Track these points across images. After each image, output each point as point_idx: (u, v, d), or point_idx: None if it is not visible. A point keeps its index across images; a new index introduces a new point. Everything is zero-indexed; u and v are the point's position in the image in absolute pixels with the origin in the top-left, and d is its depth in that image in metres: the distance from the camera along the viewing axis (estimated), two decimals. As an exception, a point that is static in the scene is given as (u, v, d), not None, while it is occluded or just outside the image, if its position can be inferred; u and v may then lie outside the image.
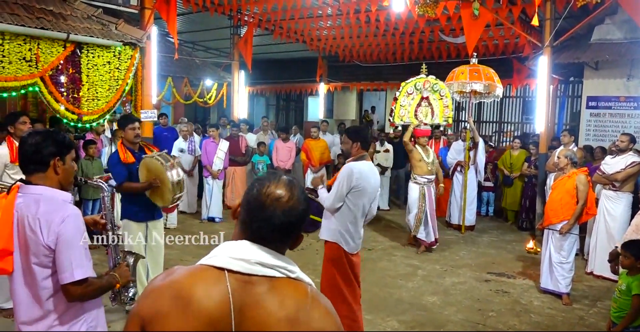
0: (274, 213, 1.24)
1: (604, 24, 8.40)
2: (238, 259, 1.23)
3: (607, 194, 6.12)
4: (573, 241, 5.22)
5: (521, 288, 5.62)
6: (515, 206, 8.75)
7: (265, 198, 1.26)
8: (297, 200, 1.28)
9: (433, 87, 7.45)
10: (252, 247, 1.25)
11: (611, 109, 8.68)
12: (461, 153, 8.21)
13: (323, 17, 9.95)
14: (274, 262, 1.24)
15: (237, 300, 1.19)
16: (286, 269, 1.26)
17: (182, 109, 12.75)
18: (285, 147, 9.50)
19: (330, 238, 3.81)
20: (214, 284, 1.20)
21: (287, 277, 1.26)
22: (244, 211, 1.30)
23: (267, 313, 1.19)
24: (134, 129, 4.37)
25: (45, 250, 1.96)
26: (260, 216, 1.25)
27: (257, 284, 1.22)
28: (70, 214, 2.02)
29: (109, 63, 6.01)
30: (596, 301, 5.30)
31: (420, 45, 11.18)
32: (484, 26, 7.63)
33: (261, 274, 1.22)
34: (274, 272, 1.24)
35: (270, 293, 1.21)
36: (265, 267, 1.23)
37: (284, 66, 15.05)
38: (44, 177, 2.08)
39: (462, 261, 6.61)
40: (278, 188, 1.28)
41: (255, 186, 1.30)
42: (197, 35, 12.78)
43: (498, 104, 12.67)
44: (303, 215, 1.30)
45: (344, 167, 3.78)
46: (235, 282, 1.21)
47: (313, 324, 1.21)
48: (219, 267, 1.22)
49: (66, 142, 2.16)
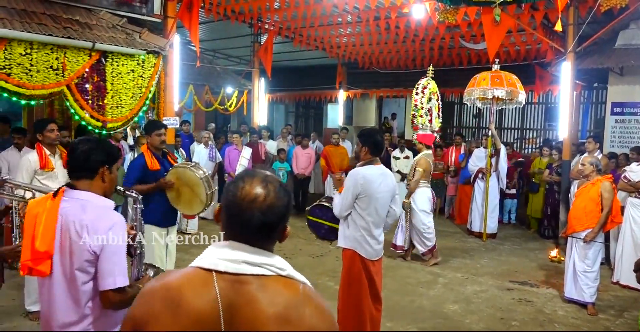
0: (253, 215, 1.24)
1: (628, 29, 8.27)
2: (224, 259, 1.24)
3: (633, 202, 6.01)
4: (598, 249, 5.13)
5: (545, 297, 5.53)
6: (539, 213, 8.63)
7: (242, 201, 1.25)
8: (275, 197, 1.27)
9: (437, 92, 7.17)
10: (237, 247, 1.26)
11: (637, 115, 8.52)
12: (482, 160, 8.15)
13: (343, 25, 10.02)
14: (261, 260, 1.25)
15: (225, 299, 1.20)
16: (275, 267, 1.26)
17: (202, 116, 12.91)
18: (304, 154, 9.54)
19: (346, 245, 3.79)
20: (202, 285, 1.22)
21: (278, 275, 1.26)
22: (224, 215, 1.30)
23: (256, 311, 1.19)
24: (160, 135, 4.45)
25: (90, 255, 2.00)
26: (239, 218, 1.26)
27: (246, 283, 1.22)
28: (117, 222, 2.06)
29: (132, 71, 6.14)
30: (623, 311, 5.19)
31: (440, 51, 11.14)
32: (505, 32, 7.57)
33: (249, 273, 1.23)
34: (263, 270, 1.24)
35: (260, 291, 1.21)
36: (252, 266, 1.24)
37: (304, 73, 15.15)
38: (90, 184, 2.13)
39: (483, 269, 6.54)
40: (253, 188, 1.26)
41: (231, 189, 1.29)
42: (218, 43, 12.95)
43: (520, 110, 12.54)
44: (283, 211, 1.29)
45: (350, 174, 3.73)
46: (223, 282, 1.22)
47: (305, 321, 1.20)
48: (207, 269, 1.24)
49: (114, 152, 2.23)
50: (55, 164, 4.51)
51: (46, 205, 2.06)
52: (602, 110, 10.03)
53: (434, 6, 7.65)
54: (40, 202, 2.11)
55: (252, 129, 9.88)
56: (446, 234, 8.48)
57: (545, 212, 8.33)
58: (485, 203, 7.95)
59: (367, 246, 3.73)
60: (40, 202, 2.11)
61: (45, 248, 2.02)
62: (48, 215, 2.03)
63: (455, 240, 8.06)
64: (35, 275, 2.08)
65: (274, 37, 10.78)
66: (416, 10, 7.80)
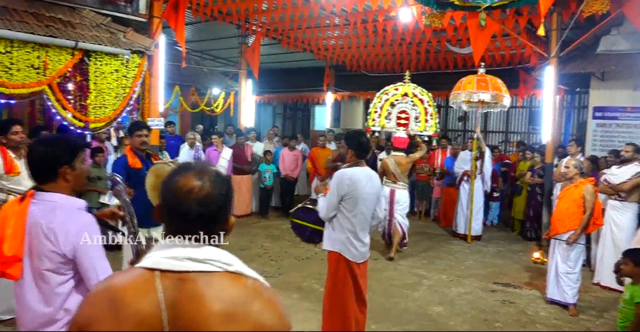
0: (190, 206, 1.21)
1: (610, 34, 8.38)
2: (168, 257, 1.21)
3: (613, 204, 6.06)
4: (580, 251, 5.16)
5: (527, 299, 5.56)
6: (522, 215, 8.68)
7: (177, 193, 1.22)
8: (211, 186, 1.24)
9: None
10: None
11: (618, 120, 8.64)
12: (468, 163, 8.18)
13: (330, 27, 10.01)
14: (206, 256, 1.21)
15: (169, 299, 1.16)
16: (221, 262, 1.22)
17: (189, 117, 12.82)
18: (291, 156, 9.51)
19: (331, 247, 3.75)
20: (144, 285, 1.19)
21: (225, 271, 1.22)
22: (162, 211, 1.27)
23: (201, 309, 1.16)
24: (140, 136, 4.38)
25: (61, 258, 1.97)
26: (177, 212, 1.23)
27: (191, 280, 1.19)
28: (87, 223, 2.03)
29: (116, 71, 6.06)
30: (603, 311, 5.22)
31: (427, 55, 11.21)
32: (490, 36, 7.64)
33: (194, 270, 1.19)
34: (208, 266, 1.21)
35: (205, 288, 1.18)
36: (196, 262, 1.20)
37: (291, 75, 15.13)
38: (55, 186, 2.08)
39: (468, 271, 6.55)
40: (188, 180, 1.24)
41: (167, 183, 1.26)
42: (205, 44, 12.88)
43: (505, 114, 12.67)
44: (222, 200, 1.26)
45: (335, 175, 3.69)
46: (167, 281, 1.18)
47: (252, 318, 1.17)
48: (150, 268, 1.21)
49: (73, 147, 2.13)
50: (21, 168, 4.27)
51: (14, 208, 2.03)
52: (584, 115, 10.15)
53: (421, 10, 7.69)
54: (9, 206, 2.07)
55: (239, 131, 9.82)
56: (431, 236, 8.50)
57: (528, 214, 8.39)
58: (470, 205, 7.98)
59: (353, 249, 3.69)
60: (8, 206, 2.08)
61: (13, 252, 1.98)
62: (16, 219, 2.00)
63: (441, 242, 8.07)
64: (8, 278, 2.05)
65: (262, 38, 10.75)
66: (403, 14, 7.83)
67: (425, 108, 7.25)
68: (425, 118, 7.24)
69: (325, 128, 13.31)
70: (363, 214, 3.68)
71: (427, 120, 7.22)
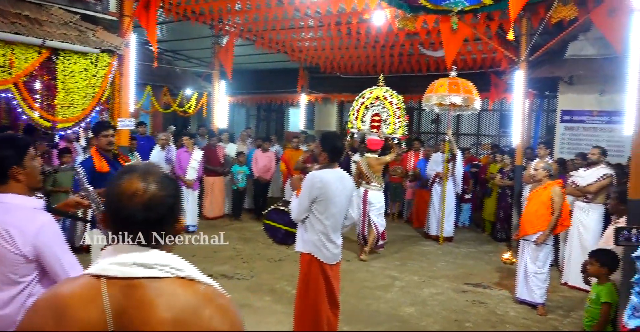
0: (135, 210, 1.17)
1: (577, 40, 8.60)
2: (115, 263, 1.17)
3: (580, 205, 6.21)
4: (548, 251, 5.28)
5: (497, 299, 5.65)
6: (492, 216, 8.83)
7: (121, 197, 1.18)
8: (157, 188, 1.20)
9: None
10: (127, 248, 1.19)
11: (585, 123, 8.86)
12: (440, 165, 8.28)
13: (304, 29, 10.01)
14: (155, 261, 1.17)
15: (115, 307, 1.13)
16: (171, 267, 1.18)
17: (161, 118, 12.64)
18: (264, 158, 9.46)
19: (304, 249, 3.73)
20: (90, 293, 1.14)
21: (176, 276, 1.18)
22: (108, 216, 1.23)
23: (150, 317, 1.12)
24: (107, 136, 4.29)
25: (21, 259, 1.93)
26: (122, 216, 1.19)
27: (140, 287, 1.15)
28: (45, 222, 1.99)
29: (85, 70, 5.93)
30: (570, 311, 5.35)
31: (400, 58, 11.30)
32: (462, 40, 7.76)
33: (142, 276, 1.15)
34: (157, 272, 1.16)
35: (154, 295, 1.14)
36: (145, 268, 1.16)
37: (265, 76, 15.06)
38: (7, 187, 2.03)
39: (440, 272, 6.62)
40: (132, 183, 1.19)
41: (110, 188, 1.22)
42: (178, 44, 12.72)
43: (476, 117, 12.88)
44: (169, 201, 1.22)
45: (307, 177, 3.68)
46: (114, 288, 1.14)
47: (202, 324, 1.14)
48: (97, 275, 1.17)
49: (18, 147, 2.07)
50: None
51: None
52: (553, 118, 10.38)
53: (394, 13, 7.75)
54: None
55: (211, 132, 9.72)
56: (404, 237, 8.57)
57: (498, 216, 8.55)
58: (442, 207, 8.08)
59: (325, 250, 3.68)
60: None
61: None
62: None
63: (413, 243, 8.14)
64: None
65: (235, 39, 10.67)
66: (377, 17, 7.88)
67: (394, 111, 7.35)
68: (394, 121, 7.34)
69: (299, 130, 13.30)
70: (335, 216, 3.68)
71: (396, 123, 7.33)
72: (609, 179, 6.01)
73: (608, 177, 6.01)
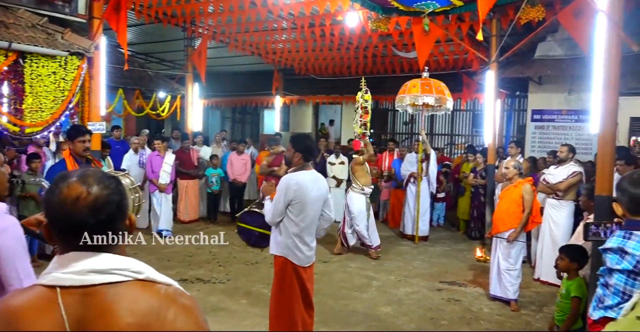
0: (81, 215, 1.13)
1: (546, 41, 8.81)
2: (69, 272, 1.12)
3: (551, 202, 6.35)
4: (520, 248, 5.38)
5: (472, 296, 5.73)
6: (466, 215, 8.96)
7: (64, 204, 1.14)
8: (100, 188, 1.16)
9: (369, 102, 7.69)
10: (80, 256, 1.14)
11: (554, 122, 9.08)
12: (414, 165, 8.35)
13: (278, 31, 10.03)
14: (111, 266, 1.14)
15: (73, 317, 1.09)
16: (129, 271, 1.15)
17: (134, 121, 12.48)
18: (239, 160, 9.42)
19: (278, 252, 3.72)
20: (44, 304, 1.11)
21: (135, 279, 1.15)
22: (52, 228, 1.18)
23: (111, 324, 1.09)
24: (83, 142, 4.20)
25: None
26: (68, 224, 1.14)
27: (98, 294, 1.11)
28: (9, 225, 1.94)
29: (54, 73, 5.83)
30: (542, 306, 5.46)
31: (374, 59, 11.40)
32: (434, 42, 7.86)
33: (100, 282, 1.12)
34: (116, 276, 1.13)
35: (114, 301, 1.11)
36: (102, 274, 1.13)
37: (240, 79, 15.02)
38: None
39: (415, 271, 6.69)
40: (72, 188, 1.15)
41: (49, 197, 1.17)
42: (150, 46, 12.61)
43: (449, 117, 13.06)
44: (116, 199, 1.18)
45: (282, 179, 3.65)
46: (70, 298, 1.10)
47: (167, 326, 1.12)
48: (50, 286, 1.13)
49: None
50: None
51: None
52: (524, 117, 10.60)
53: (367, 15, 7.81)
54: None
55: (185, 135, 9.64)
56: (380, 237, 8.54)
57: (472, 214, 8.67)
58: (417, 207, 8.16)
59: (299, 253, 3.67)
60: None
61: None
62: None
63: (389, 243, 8.20)
64: None
65: (208, 41, 10.62)
66: (350, 19, 7.94)
67: (356, 109, 7.45)
68: (357, 119, 7.47)
69: (275, 132, 13.28)
70: (310, 218, 3.67)
71: (358, 122, 7.46)
72: (578, 177, 6.16)
73: (577, 174, 6.16)
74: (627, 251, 2.07)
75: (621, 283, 2.10)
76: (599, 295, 2.24)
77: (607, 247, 2.21)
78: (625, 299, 2.00)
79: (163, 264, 6.31)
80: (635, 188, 2.10)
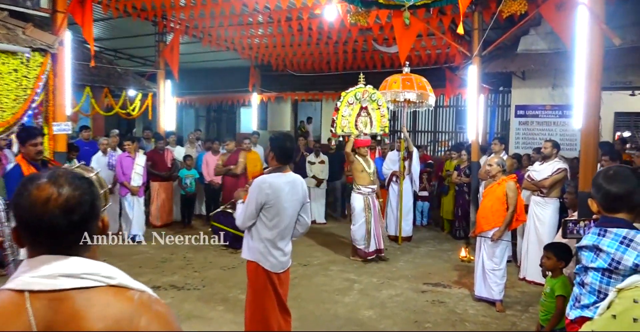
0: (55, 217, 1.13)
1: (529, 34, 8.93)
2: (38, 276, 1.12)
3: (536, 200, 6.45)
4: (504, 247, 5.45)
5: (457, 297, 5.79)
6: (450, 215, 9.04)
7: (35, 207, 1.14)
8: (71, 189, 1.17)
9: (371, 96, 7.53)
10: (50, 259, 1.15)
11: (538, 117, 9.22)
12: (396, 163, 8.40)
13: (254, 25, 9.98)
14: (82, 270, 1.14)
15: (42, 322, 1.09)
16: (100, 275, 1.16)
17: (102, 121, 12.31)
18: (216, 161, 9.34)
19: (249, 257, 3.68)
20: (12, 309, 1.10)
21: (107, 285, 1.16)
22: (22, 231, 1.18)
23: (82, 329, 1.09)
24: (35, 145, 4.11)
25: None
26: (39, 227, 1.14)
27: (68, 299, 1.11)
28: None
29: (15, 71, 5.72)
30: (528, 306, 5.54)
31: (354, 54, 11.42)
32: (415, 36, 7.91)
33: (70, 287, 1.12)
34: (87, 281, 1.14)
35: (85, 306, 1.11)
36: (72, 279, 1.13)
37: (215, 75, 14.91)
38: None
39: (399, 273, 6.73)
40: (41, 190, 1.15)
41: (18, 199, 1.17)
42: (119, 42, 12.43)
43: (432, 113, 13.15)
44: (87, 198, 1.18)
45: (255, 182, 3.59)
46: (39, 303, 1.10)
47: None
48: (19, 290, 1.12)
49: None
50: None
51: None
52: (508, 113, 10.74)
53: (346, 8, 7.82)
54: None
55: (157, 135, 9.55)
56: (363, 239, 8.65)
57: (456, 214, 8.75)
58: (399, 206, 8.21)
59: (272, 258, 3.62)
60: None
61: None
62: None
63: (372, 244, 8.23)
64: None
65: (181, 36, 10.52)
66: (328, 12, 7.94)
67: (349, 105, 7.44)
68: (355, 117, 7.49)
69: (252, 131, 13.23)
70: (285, 223, 3.62)
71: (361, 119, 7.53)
72: (563, 173, 6.26)
73: (562, 171, 6.26)
74: (602, 249, 2.11)
75: (596, 281, 2.13)
76: (576, 294, 2.28)
77: (582, 245, 2.25)
78: (601, 298, 2.03)
79: (134, 271, 6.23)
80: (609, 184, 2.13)
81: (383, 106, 7.74)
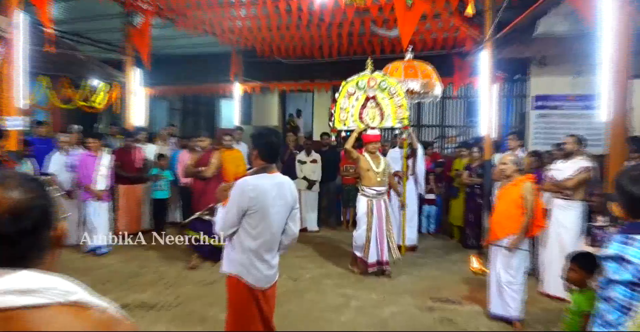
0: (1, 223, 1.13)
1: (548, 16, 8.93)
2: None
3: (559, 203, 6.41)
4: (522, 257, 5.42)
5: (468, 315, 5.77)
6: (460, 220, 9.02)
7: None
8: (20, 192, 1.17)
9: (380, 84, 7.41)
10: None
11: (559, 109, 9.22)
12: (398, 162, 8.37)
13: (235, 6, 9.91)
14: (35, 285, 1.12)
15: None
16: (57, 291, 1.14)
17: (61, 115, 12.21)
18: (192, 160, 9.30)
19: (229, 270, 3.63)
20: None
21: (65, 302, 1.14)
22: None
23: None
24: None
25: None
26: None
27: (19, 318, 1.09)
28: None
29: (-41, 57, 5.64)
30: (551, 325, 5.50)
31: (350, 38, 11.38)
32: (419, 17, 7.87)
33: (22, 305, 1.10)
34: (39, 299, 1.11)
35: (37, 327, 1.09)
36: (24, 295, 1.11)
37: (191, 63, 14.83)
38: None
39: (402, 287, 6.71)
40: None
41: None
42: (81, 25, 12.31)
43: (439, 105, 13.15)
44: (39, 203, 1.19)
45: (237, 184, 3.54)
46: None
47: None
48: None
49: None
50: None
51: None
52: (525, 105, 10.75)
53: (341, -14, 7.80)
54: None
55: (125, 131, 9.48)
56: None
57: (467, 219, 8.74)
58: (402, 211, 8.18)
59: (255, 271, 3.56)
60: None
61: None
62: None
63: (371, 255, 8.21)
64: None
65: (152, 18, 10.45)
66: (320, -10, 7.91)
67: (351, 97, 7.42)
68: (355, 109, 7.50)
69: (234, 125, 13.18)
70: (270, 231, 3.56)
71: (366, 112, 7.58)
72: (588, 173, 6.22)
73: (588, 170, 6.22)
74: (627, 259, 2.07)
75: (621, 296, 2.11)
76: (600, 310, 2.25)
77: (606, 255, 2.22)
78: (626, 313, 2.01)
79: (98, 288, 6.18)
80: (634, 186, 2.10)
81: (399, 94, 7.45)
